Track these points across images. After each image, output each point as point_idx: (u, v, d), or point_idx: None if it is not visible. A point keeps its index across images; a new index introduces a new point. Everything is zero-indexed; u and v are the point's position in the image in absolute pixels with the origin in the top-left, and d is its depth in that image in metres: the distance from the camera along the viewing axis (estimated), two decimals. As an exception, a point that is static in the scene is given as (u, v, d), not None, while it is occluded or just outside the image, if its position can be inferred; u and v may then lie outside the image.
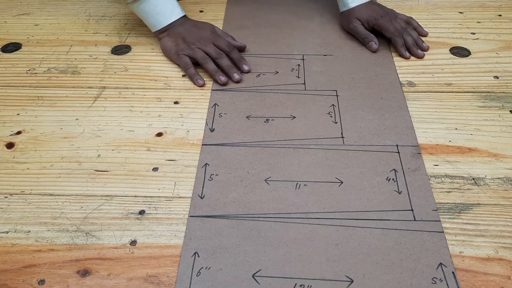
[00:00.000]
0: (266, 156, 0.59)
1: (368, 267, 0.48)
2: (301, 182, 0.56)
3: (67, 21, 0.84)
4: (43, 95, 0.69)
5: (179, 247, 0.50)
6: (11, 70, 0.74)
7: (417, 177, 0.56)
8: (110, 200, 0.55)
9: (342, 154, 0.59)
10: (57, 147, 0.61)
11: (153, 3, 0.73)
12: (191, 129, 0.63)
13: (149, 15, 0.74)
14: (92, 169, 0.58)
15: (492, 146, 0.60)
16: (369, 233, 0.51)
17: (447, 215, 0.53)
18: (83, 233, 0.52)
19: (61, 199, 0.55)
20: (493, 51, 0.76)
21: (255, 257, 0.49)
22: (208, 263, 0.49)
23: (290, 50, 0.76)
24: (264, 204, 0.54)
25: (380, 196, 0.54)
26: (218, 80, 0.69)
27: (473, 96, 0.67)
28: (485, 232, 0.51)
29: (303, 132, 0.62)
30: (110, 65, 0.74)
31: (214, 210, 0.53)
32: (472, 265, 0.48)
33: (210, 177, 0.57)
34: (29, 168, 0.59)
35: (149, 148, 0.61)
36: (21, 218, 0.53)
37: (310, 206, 0.54)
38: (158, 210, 0.54)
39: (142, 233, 0.52)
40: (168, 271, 0.48)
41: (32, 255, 0.50)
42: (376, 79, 0.70)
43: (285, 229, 0.52)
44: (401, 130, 0.62)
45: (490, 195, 0.55)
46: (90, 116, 0.65)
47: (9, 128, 0.64)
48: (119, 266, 0.49)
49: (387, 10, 0.78)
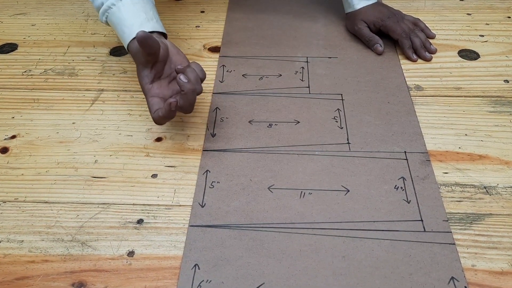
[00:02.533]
0: (270, 162, 0.57)
1: (377, 281, 0.46)
2: (305, 190, 0.54)
3: (64, 21, 0.82)
4: (39, 98, 0.67)
5: (179, 258, 0.48)
6: (6, 72, 0.72)
7: (427, 185, 0.54)
8: (107, 208, 0.53)
9: (348, 161, 0.57)
10: (53, 152, 0.59)
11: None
12: (192, 134, 0.61)
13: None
14: (88, 176, 0.56)
15: (504, 153, 0.58)
16: (377, 245, 0.49)
17: (458, 226, 0.50)
18: (79, 243, 0.49)
19: (56, 207, 0.53)
20: (502, 54, 0.73)
21: (258, 269, 0.47)
22: (209, 276, 0.46)
23: (294, 52, 0.74)
24: (267, 213, 0.52)
25: (388, 205, 0.52)
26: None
27: (483, 101, 0.65)
28: (498, 244, 0.49)
29: (308, 137, 0.60)
30: (108, 67, 0.72)
31: (215, 220, 0.51)
32: (486, 279, 0.46)
33: (211, 184, 0.55)
34: (24, 174, 0.57)
35: (148, 154, 0.59)
36: (14, 227, 0.51)
37: (315, 215, 0.52)
38: (157, 219, 0.52)
39: (140, 244, 0.49)
40: (167, 284, 0.46)
41: (25, 266, 0.47)
42: (382, 83, 0.68)
43: (289, 240, 0.49)
44: (409, 136, 0.60)
45: (502, 205, 0.52)
46: (87, 120, 0.63)
47: (3, 132, 0.62)
48: (116, 278, 0.46)
49: (394, 11, 0.76)
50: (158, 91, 0.57)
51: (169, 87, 0.58)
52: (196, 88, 0.54)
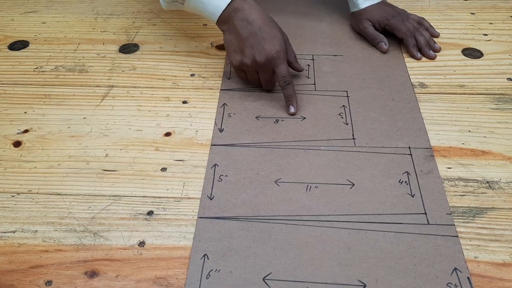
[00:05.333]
0: (276, 157, 0.58)
1: (381, 271, 0.47)
2: (312, 184, 0.55)
3: (74, 19, 0.84)
4: (50, 94, 0.68)
5: (188, 248, 0.49)
6: (18, 68, 0.73)
7: (430, 180, 0.55)
8: (118, 200, 0.54)
9: (354, 156, 0.58)
10: (65, 146, 0.60)
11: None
12: (200, 129, 0.63)
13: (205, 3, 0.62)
14: (100, 169, 0.58)
15: (507, 149, 0.59)
16: (381, 237, 0.50)
17: (461, 219, 0.52)
18: (91, 233, 0.51)
19: (69, 199, 0.54)
20: (506, 52, 0.74)
21: (266, 260, 0.48)
22: (218, 266, 0.48)
23: (300, 50, 0.75)
24: (274, 206, 0.53)
25: (393, 199, 0.53)
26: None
27: (486, 98, 0.66)
28: (500, 237, 0.50)
29: (314, 133, 0.62)
30: (118, 64, 0.73)
31: (223, 212, 0.53)
32: (488, 271, 0.47)
33: (219, 178, 0.56)
34: (36, 167, 0.58)
35: (157, 148, 0.60)
36: (28, 217, 0.52)
37: (321, 208, 0.53)
38: (166, 211, 0.53)
39: (151, 234, 0.51)
40: (177, 273, 0.47)
41: (39, 255, 0.49)
42: (387, 80, 0.69)
43: (296, 232, 0.51)
44: (413, 132, 0.61)
45: (505, 199, 0.53)
46: (98, 115, 0.65)
47: (16, 126, 0.63)
48: (127, 267, 0.48)
49: (399, 10, 0.77)
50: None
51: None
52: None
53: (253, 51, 0.61)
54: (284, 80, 0.62)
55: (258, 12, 0.62)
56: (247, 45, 0.61)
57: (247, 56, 0.62)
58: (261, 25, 0.61)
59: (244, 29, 0.61)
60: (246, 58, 0.62)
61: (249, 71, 0.64)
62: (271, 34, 0.61)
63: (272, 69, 0.62)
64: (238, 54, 0.63)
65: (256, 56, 0.61)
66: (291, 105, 0.64)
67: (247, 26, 0.61)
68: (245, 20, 0.61)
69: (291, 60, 0.67)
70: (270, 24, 0.62)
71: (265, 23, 0.61)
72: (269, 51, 0.61)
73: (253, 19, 0.61)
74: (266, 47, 0.60)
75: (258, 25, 0.61)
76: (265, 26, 0.61)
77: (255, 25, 0.61)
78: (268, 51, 0.61)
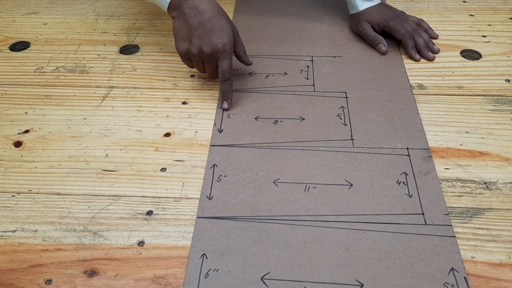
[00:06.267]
0: (275, 157, 0.59)
1: (379, 271, 0.47)
2: (310, 184, 0.56)
3: (75, 20, 0.84)
4: (51, 94, 0.69)
5: (187, 248, 0.50)
6: (19, 69, 0.74)
7: (428, 180, 0.56)
8: (118, 200, 0.54)
9: (352, 157, 0.59)
10: (65, 146, 0.61)
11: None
12: (199, 130, 0.63)
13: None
14: (100, 169, 0.58)
15: (504, 150, 0.59)
16: (379, 237, 0.50)
17: (458, 220, 0.52)
18: (91, 233, 0.51)
19: (69, 199, 0.55)
20: (504, 54, 0.75)
21: (264, 259, 0.49)
22: (217, 265, 0.48)
23: (299, 51, 0.76)
24: (272, 206, 0.53)
25: (391, 199, 0.54)
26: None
27: (484, 100, 0.67)
28: (497, 237, 0.50)
29: (312, 133, 0.62)
30: (118, 65, 0.74)
31: (222, 212, 0.53)
32: (485, 271, 0.47)
33: (218, 178, 0.57)
34: (37, 167, 0.58)
35: (157, 148, 0.61)
36: (28, 217, 0.53)
37: (319, 208, 0.53)
38: (166, 210, 0.53)
39: (150, 234, 0.51)
40: (176, 272, 0.48)
41: (39, 254, 0.49)
42: (386, 81, 0.70)
43: (294, 232, 0.51)
44: (411, 133, 0.62)
45: (502, 200, 0.54)
46: (98, 116, 0.65)
47: (17, 126, 0.64)
48: (126, 266, 0.48)
49: (398, 12, 0.78)
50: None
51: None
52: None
53: (201, 42, 0.61)
54: (223, 75, 0.63)
55: (208, 2, 0.61)
56: (196, 35, 0.61)
57: (194, 46, 0.62)
58: (210, 16, 0.61)
59: (193, 18, 0.61)
60: (193, 48, 0.62)
61: (195, 61, 0.65)
62: (220, 26, 0.61)
63: (216, 61, 0.63)
64: (186, 42, 0.63)
65: (203, 47, 0.61)
66: (225, 100, 0.65)
67: (196, 15, 0.61)
68: (195, 8, 0.61)
69: (240, 54, 0.67)
70: (220, 15, 0.62)
71: (215, 14, 0.61)
72: (216, 43, 0.61)
73: (203, 8, 0.61)
74: (213, 39, 0.61)
75: (208, 16, 0.61)
76: (214, 17, 0.61)
77: (205, 15, 0.61)
78: (215, 43, 0.61)
